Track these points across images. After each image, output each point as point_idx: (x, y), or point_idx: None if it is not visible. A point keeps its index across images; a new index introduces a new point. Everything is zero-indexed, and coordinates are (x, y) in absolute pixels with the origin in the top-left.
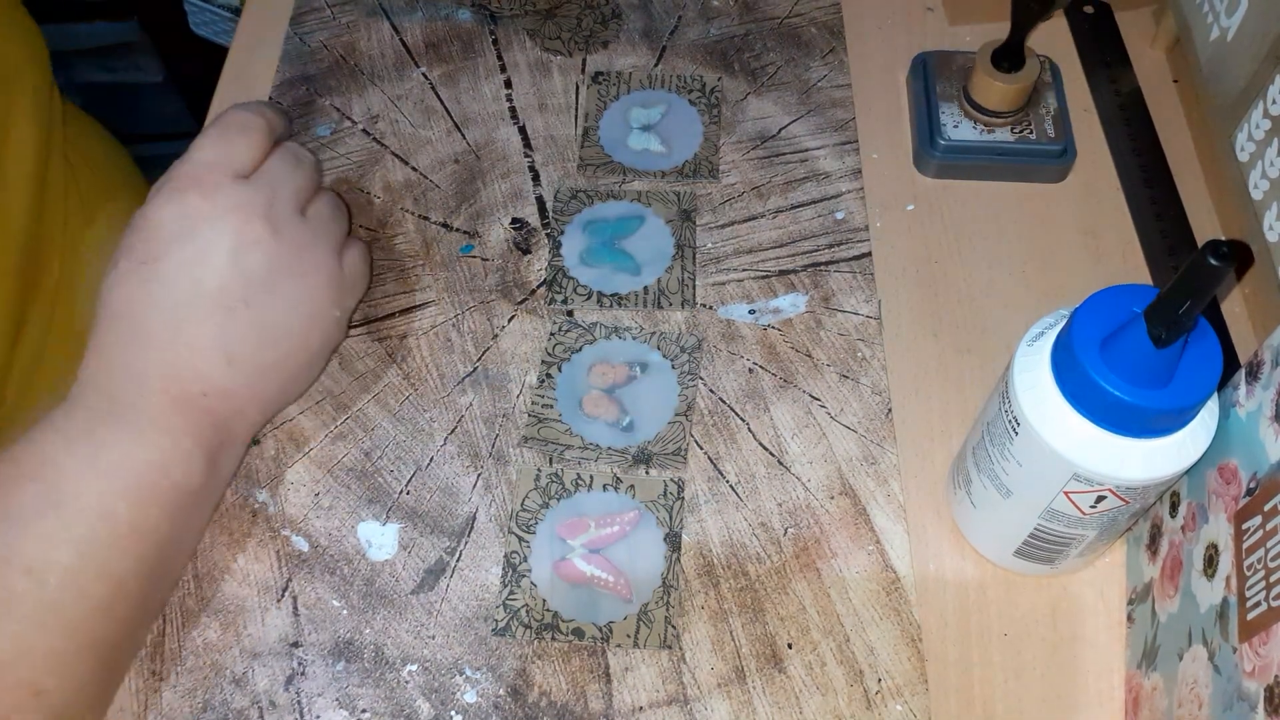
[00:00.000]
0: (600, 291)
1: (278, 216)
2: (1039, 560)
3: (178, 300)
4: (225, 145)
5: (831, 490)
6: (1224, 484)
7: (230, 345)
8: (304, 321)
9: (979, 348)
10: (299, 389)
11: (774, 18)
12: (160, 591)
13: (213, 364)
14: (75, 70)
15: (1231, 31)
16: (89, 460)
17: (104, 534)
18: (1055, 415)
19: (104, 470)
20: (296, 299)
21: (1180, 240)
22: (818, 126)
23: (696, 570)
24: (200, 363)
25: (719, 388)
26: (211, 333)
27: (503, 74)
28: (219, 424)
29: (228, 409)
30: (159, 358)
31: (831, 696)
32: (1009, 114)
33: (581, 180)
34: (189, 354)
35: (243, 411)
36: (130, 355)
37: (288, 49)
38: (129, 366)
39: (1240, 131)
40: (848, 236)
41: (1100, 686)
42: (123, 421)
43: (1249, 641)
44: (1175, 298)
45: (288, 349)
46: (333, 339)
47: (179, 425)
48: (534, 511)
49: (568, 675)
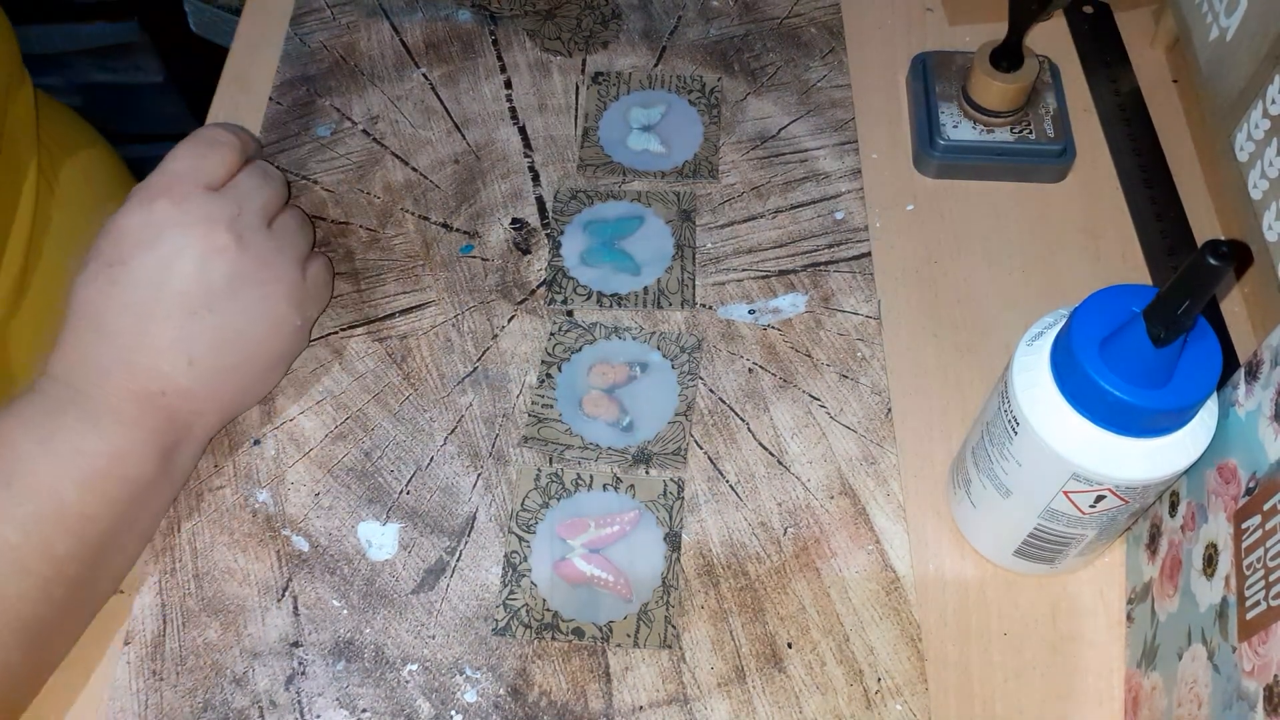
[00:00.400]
0: (600, 291)
1: (244, 227)
2: (1039, 560)
3: (142, 302)
4: (197, 158)
5: (831, 490)
6: (1223, 483)
7: (192, 348)
8: (265, 328)
9: (979, 348)
10: (257, 393)
11: (774, 18)
12: (100, 582)
13: (174, 365)
14: (75, 70)
15: (1231, 31)
16: (44, 443)
17: (50, 515)
18: (1055, 415)
19: (58, 454)
20: (258, 307)
21: (1180, 240)
22: (817, 127)
23: (696, 570)
24: (162, 363)
25: (719, 388)
26: (174, 334)
27: (503, 74)
28: (176, 422)
29: (186, 409)
30: (122, 356)
31: (831, 696)
32: (1008, 114)
33: (581, 180)
34: (151, 354)
35: (200, 412)
36: (94, 352)
37: (288, 49)
38: (92, 362)
39: (1240, 131)
40: (847, 236)
41: (1100, 686)
42: (82, 411)
43: (1248, 641)
44: (1175, 297)
45: (248, 354)
46: (293, 347)
47: (136, 419)
48: (534, 511)
49: (568, 675)
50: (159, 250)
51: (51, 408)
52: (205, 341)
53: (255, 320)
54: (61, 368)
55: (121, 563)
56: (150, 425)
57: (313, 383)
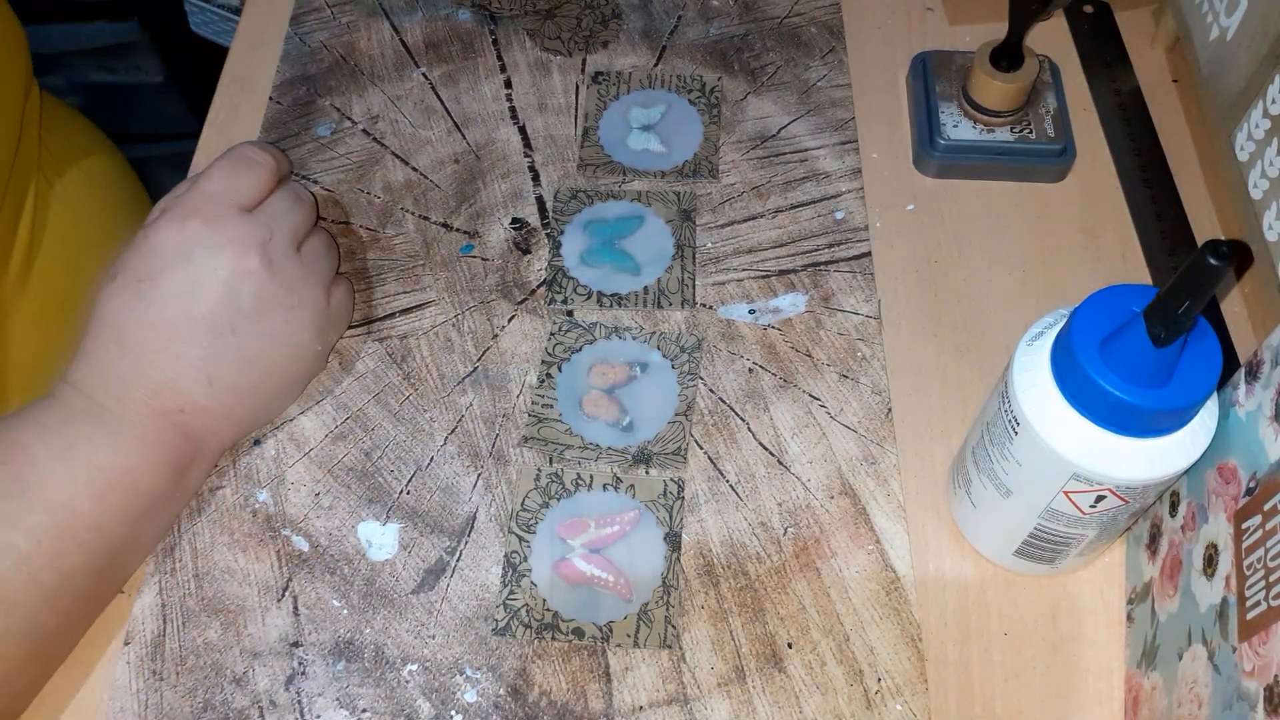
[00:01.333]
0: (600, 291)
1: (274, 252)
2: (1039, 560)
3: (168, 320)
4: (231, 178)
5: (831, 490)
6: (1223, 483)
7: (213, 368)
8: (286, 352)
9: (979, 348)
10: (273, 413)
11: (774, 18)
12: (106, 591)
13: (194, 383)
14: (75, 70)
15: (1231, 31)
16: (61, 453)
17: (63, 526)
18: (1055, 415)
19: (74, 465)
20: (282, 331)
21: (1180, 240)
22: (817, 126)
23: (696, 570)
24: (182, 381)
25: (719, 388)
26: (197, 354)
27: (503, 74)
28: (192, 439)
29: (202, 426)
30: (143, 371)
31: (831, 696)
32: (1008, 114)
33: (581, 180)
34: (173, 372)
35: (216, 430)
36: (116, 365)
37: (288, 49)
38: (113, 375)
39: (1240, 131)
40: (847, 236)
41: (1100, 686)
42: (100, 423)
43: (1248, 641)
44: (1175, 297)
45: (267, 376)
46: (311, 370)
47: (153, 435)
48: (534, 511)
49: (568, 675)
50: (188, 269)
51: (69, 417)
52: (227, 362)
53: (277, 344)
54: (80, 377)
55: (126, 571)
56: (166, 441)
57: (313, 383)
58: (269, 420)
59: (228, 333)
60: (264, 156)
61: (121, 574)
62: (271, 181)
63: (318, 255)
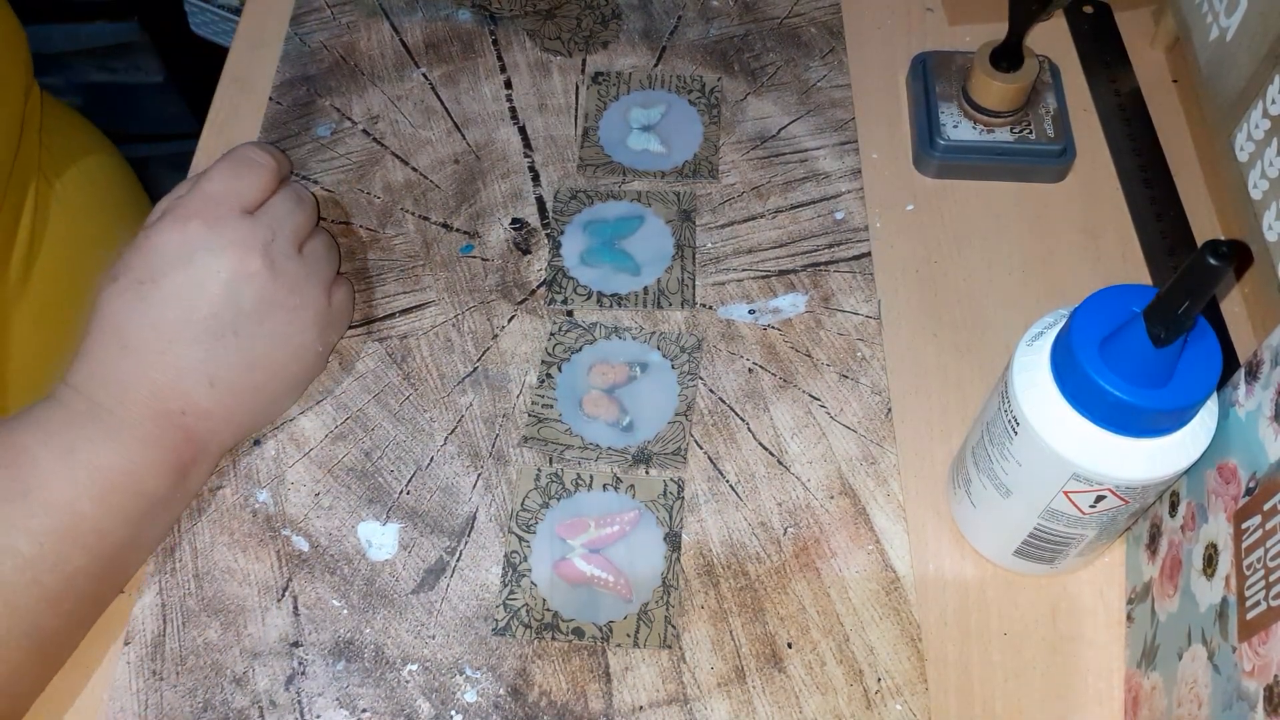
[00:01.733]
0: (600, 291)
1: (276, 253)
2: (1039, 560)
3: (170, 322)
4: (233, 179)
5: (831, 490)
6: (1223, 483)
7: (214, 370)
8: (288, 353)
9: (979, 348)
10: (274, 414)
11: (774, 18)
12: (107, 592)
13: (196, 385)
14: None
15: (1231, 31)
16: (63, 455)
17: (65, 528)
18: (1055, 415)
19: (75, 467)
20: (284, 333)
21: (1180, 240)
22: (817, 127)
23: (696, 570)
24: (184, 383)
25: (719, 388)
26: (199, 356)
27: (503, 74)
28: (193, 441)
29: (204, 428)
30: (145, 373)
31: (831, 696)
32: (1008, 114)
33: (581, 180)
34: (174, 373)
35: (217, 432)
36: (117, 366)
37: (288, 49)
38: (115, 376)
39: (1240, 131)
40: (847, 236)
41: (1100, 686)
42: (101, 425)
43: (1248, 641)
44: (1174, 297)
45: (269, 377)
46: (312, 371)
47: (155, 437)
48: (534, 511)
49: (568, 675)
50: (190, 271)
51: (70, 419)
52: (228, 364)
53: (279, 345)
54: (81, 378)
55: (128, 573)
56: (168, 443)
57: (313, 383)
58: (270, 421)
59: (229, 334)
60: (265, 157)
61: (122, 575)
62: (273, 182)
63: (319, 256)
